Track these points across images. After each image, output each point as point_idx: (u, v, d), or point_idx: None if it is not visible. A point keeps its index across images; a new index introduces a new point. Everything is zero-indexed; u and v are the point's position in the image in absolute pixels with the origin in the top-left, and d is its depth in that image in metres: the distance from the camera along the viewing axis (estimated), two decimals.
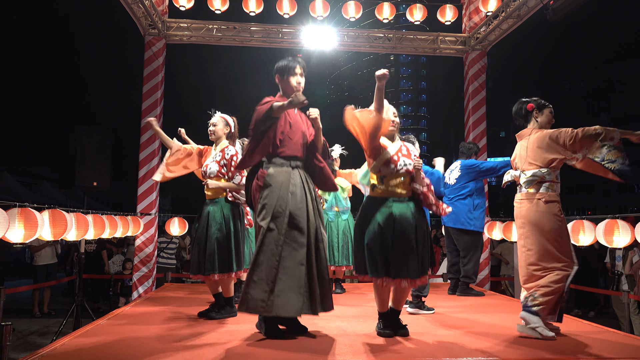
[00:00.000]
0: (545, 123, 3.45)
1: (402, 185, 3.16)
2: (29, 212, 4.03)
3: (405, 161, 3.15)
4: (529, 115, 3.47)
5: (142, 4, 6.16)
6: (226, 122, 4.09)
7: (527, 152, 3.39)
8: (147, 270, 6.48)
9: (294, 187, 3.16)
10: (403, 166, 3.14)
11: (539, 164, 3.32)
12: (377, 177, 3.18)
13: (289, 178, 3.18)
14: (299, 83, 3.30)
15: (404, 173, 3.16)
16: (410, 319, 3.69)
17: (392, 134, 3.25)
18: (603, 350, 2.94)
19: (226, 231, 3.84)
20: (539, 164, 3.31)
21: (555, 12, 5.30)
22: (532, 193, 3.33)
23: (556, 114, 3.51)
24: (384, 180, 3.16)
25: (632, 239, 4.50)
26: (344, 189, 5.46)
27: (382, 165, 3.14)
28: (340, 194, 5.42)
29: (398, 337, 3.20)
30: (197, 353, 2.81)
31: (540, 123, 3.44)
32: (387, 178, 3.15)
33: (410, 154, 3.23)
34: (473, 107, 7.12)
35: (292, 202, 3.12)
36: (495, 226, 6.48)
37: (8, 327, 2.96)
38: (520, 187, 3.42)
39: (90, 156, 5.95)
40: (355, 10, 7.21)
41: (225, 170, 3.89)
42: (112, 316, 3.94)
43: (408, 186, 3.18)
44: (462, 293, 5.27)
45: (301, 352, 2.85)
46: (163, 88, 6.84)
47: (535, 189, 3.32)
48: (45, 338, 6.17)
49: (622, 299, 5.63)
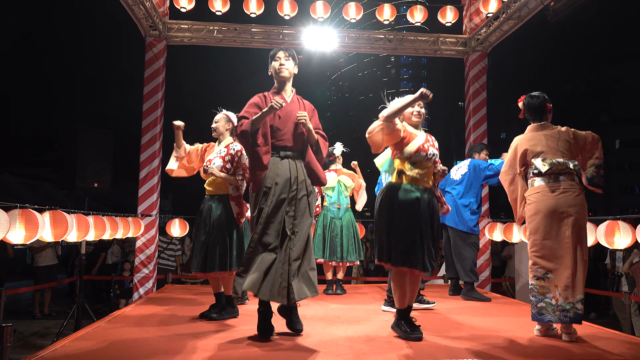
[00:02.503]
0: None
1: (428, 174, 3.23)
2: (30, 213, 4.03)
3: (433, 151, 3.23)
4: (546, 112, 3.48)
5: (143, 5, 6.17)
6: (228, 118, 4.11)
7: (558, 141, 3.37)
8: (148, 272, 6.48)
9: (278, 177, 3.20)
10: (432, 155, 3.21)
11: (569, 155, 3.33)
12: (408, 164, 3.20)
13: (275, 169, 3.22)
14: (282, 65, 3.36)
15: (431, 163, 3.23)
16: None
17: (417, 124, 3.30)
18: (604, 352, 2.94)
19: (227, 227, 3.84)
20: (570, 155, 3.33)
21: (555, 13, 5.31)
22: (575, 184, 3.29)
23: (557, 115, 3.53)
24: (413, 167, 3.18)
25: (633, 240, 4.49)
26: (347, 187, 5.49)
27: (413, 152, 3.17)
28: (343, 192, 5.46)
29: (400, 340, 3.20)
30: (198, 354, 2.81)
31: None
32: (417, 165, 3.19)
33: (435, 145, 3.29)
34: (474, 109, 7.12)
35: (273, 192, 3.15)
36: (496, 227, 6.47)
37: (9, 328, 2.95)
38: (557, 176, 3.29)
39: (91, 157, 5.96)
40: (355, 12, 7.22)
41: (230, 165, 3.90)
42: (113, 317, 3.94)
43: (432, 176, 3.22)
44: (467, 296, 5.09)
45: (301, 353, 2.85)
46: (164, 89, 6.84)
47: (577, 180, 3.32)
48: (46, 339, 6.18)
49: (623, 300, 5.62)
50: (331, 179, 5.42)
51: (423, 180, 3.18)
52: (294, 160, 3.30)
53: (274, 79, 3.44)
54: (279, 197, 3.16)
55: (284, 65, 3.37)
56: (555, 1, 5.28)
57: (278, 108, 3.09)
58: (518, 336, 3.34)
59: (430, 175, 3.23)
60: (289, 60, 3.39)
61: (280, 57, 3.38)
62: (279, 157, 3.27)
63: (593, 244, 4.89)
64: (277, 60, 3.38)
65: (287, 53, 3.40)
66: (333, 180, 5.43)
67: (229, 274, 3.84)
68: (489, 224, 6.58)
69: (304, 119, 3.22)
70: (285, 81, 3.41)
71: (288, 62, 3.38)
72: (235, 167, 3.91)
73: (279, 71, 3.37)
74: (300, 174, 3.27)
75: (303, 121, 3.22)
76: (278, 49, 3.42)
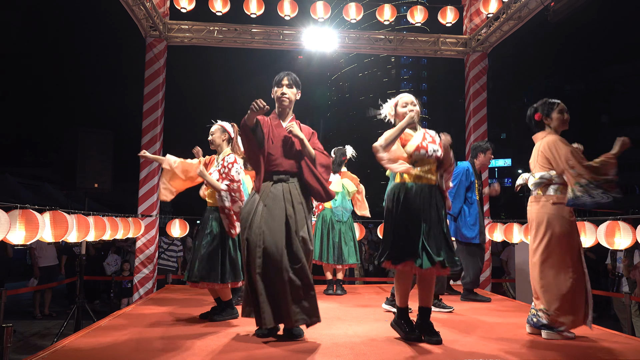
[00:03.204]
0: (558, 125, 3.41)
1: (431, 172, 3.20)
2: (30, 214, 4.04)
3: (432, 147, 3.19)
4: (539, 123, 3.46)
5: (143, 5, 6.17)
6: (223, 129, 4.09)
7: (537, 155, 3.39)
8: (148, 272, 6.48)
9: (269, 200, 3.20)
10: (433, 152, 3.18)
11: (548, 167, 3.31)
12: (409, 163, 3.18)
13: (266, 192, 3.23)
14: (282, 94, 3.36)
15: (433, 160, 3.20)
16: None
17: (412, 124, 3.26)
18: (605, 353, 2.94)
19: (220, 241, 3.84)
20: (548, 167, 3.31)
21: (556, 14, 5.30)
22: (539, 195, 3.34)
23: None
24: (415, 165, 3.17)
25: (634, 240, 4.49)
26: (349, 192, 5.50)
27: (412, 152, 3.16)
28: (346, 195, 5.48)
29: (400, 340, 3.19)
30: (198, 354, 2.81)
31: (554, 128, 3.42)
32: (418, 164, 3.18)
33: (435, 140, 3.26)
34: (474, 109, 7.12)
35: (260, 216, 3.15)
36: (497, 228, 6.47)
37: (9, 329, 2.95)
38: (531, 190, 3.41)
39: (91, 158, 5.96)
40: (356, 12, 7.22)
41: (224, 177, 3.89)
42: (113, 318, 3.94)
43: (435, 173, 3.21)
44: (466, 298, 5.09)
45: (302, 354, 2.85)
46: (164, 90, 6.85)
47: (543, 191, 3.32)
48: (46, 340, 6.17)
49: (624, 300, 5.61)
50: (336, 183, 5.42)
51: (427, 177, 3.18)
52: (289, 184, 3.27)
53: (275, 103, 3.43)
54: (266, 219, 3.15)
55: (286, 94, 3.36)
56: (555, 1, 5.28)
57: (257, 109, 3.09)
58: (518, 336, 3.33)
59: (434, 172, 3.22)
60: (291, 88, 3.39)
61: (283, 85, 3.37)
62: (271, 182, 3.27)
63: (593, 244, 4.89)
64: (280, 88, 3.38)
65: (291, 80, 3.38)
66: (338, 184, 5.43)
67: (222, 286, 3.83)
68: (489, 224, 6.58)
69: (292, 128, 3.22)
70: (286, 108, 3.41)
71: (290, 90, 3.38)
72: (223, 178, 3.88)
73: (280, 99, 3.37)
74: (295, 196, 3.24)
75: (291, 129, 3.22)
76: (284, 74, 3.38)
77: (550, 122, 3.43)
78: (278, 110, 3.42)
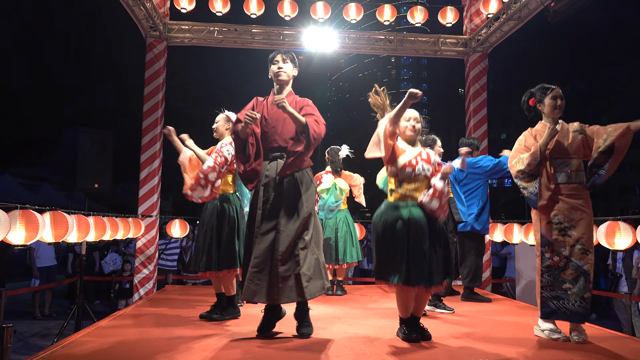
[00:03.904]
0: (550, 112, 3.34)
1: (419, 190, 3.11)
2: (30, 214, 4.04)
3: (424, 166, 3.11)
4: (535, 111, 3.44)
5: (143, 6, 6.17)
6: (228, 118, 4.09)
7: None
8: (149, 272, 6.48)
9: (266, 178, 3.26)
10: (421, 171, 3.10)
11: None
12: (395, 182, 3.15)
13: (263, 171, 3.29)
14: (279, 69, 3.37)
15: (422, 178, 3.12)
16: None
17: (412, 139, 3.22)
18: (605, 353, 2.94)
19: (228, 227, 3.85)
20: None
21: (556, 14, 5.30)
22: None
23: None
24: (402, 184, 3.12)
25: (634, 241, 4.49)
26: (342, 191, 5.46)
27: (399, 169, 3.11)
28: (338, 195, 5.43)
29: (400, 341, 3.20)
30: (198, 354, 2.81)
31: (546, 115, 3.38)
32: (405, 182, 3.12)
33: (430, 160, 3.18)
34: (474, 109, 7.12)
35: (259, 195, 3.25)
36: (497, 228, 6.47)
37: (9, 329, 2.95)
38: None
39: (91, 158, 5.94)
40: (356, 12, 7.22)
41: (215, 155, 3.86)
42: (113, 318, 3.94)
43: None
44: (467, 299, 5.08)
45: (302, 354, 2.85)
46: (164, 90, 6.85)
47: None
48: (47, 340, 6.17)
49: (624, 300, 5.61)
50: (327, 180, 5.40)
51: (413, 197, 3.10)
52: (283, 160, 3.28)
53: (274, 82, 3.43)
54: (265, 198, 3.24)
55: (282, 68, 3.36)
56: (555, 2, 5.28)
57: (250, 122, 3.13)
58: (518, 337, 3.33)
59: (422, 190, 3.11)
60: (287, 63, 3.38)
61: (278, 61, 3.37)
62: (268, 160, 3.32)
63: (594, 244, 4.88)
64: (275, 64, 3.38)
65: (285, 56, 3.38)
66: (329, 182, 5.41)
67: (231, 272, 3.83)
68: (489, 225, 6.57)
69: (281, 102, 3.11)
70: (284, 84, 3.39)
71: (286, 65, 3.37)
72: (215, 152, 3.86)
73: (277, 75, 3.36)
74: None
75: (278, 102, 3.11)
76: (277, 52, 3.41)
77: (543, 108, 3.38)
78: (276, 87, 3.41)
